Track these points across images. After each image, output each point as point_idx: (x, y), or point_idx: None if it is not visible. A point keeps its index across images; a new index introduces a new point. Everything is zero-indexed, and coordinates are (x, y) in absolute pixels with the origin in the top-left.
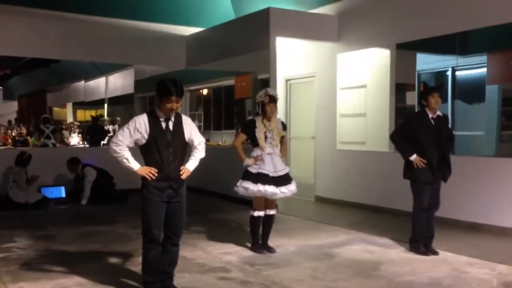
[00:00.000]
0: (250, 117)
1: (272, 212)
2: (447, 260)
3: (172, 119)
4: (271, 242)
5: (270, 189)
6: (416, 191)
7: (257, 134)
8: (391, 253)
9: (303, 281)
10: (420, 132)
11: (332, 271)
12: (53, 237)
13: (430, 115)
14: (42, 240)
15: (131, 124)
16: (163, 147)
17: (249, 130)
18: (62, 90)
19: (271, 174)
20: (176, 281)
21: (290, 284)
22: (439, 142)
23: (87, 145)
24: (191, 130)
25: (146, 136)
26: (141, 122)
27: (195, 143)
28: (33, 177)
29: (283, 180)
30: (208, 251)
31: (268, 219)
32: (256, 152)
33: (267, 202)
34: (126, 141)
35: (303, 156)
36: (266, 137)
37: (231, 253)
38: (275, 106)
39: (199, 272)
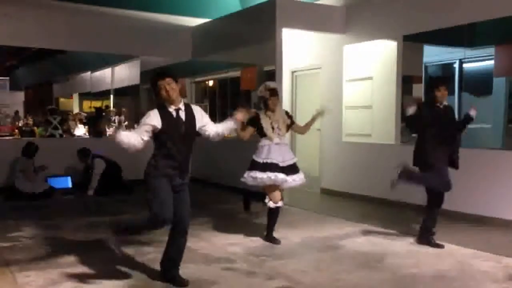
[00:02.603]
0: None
1: (278, 204)
2: (452, 252)
3: (182, 107)
4: (275, 234)
5: (280, 175)
6: (429, 176)
7: (264, 125)
8: (395, 246)
9: (307, 272)
10: (428, 121)
11: (336, 263)
12: (59, 227)
13: (437, 105)
14: (48, 230)
15: (144, 119)
16: (174, 137)
17: (255, 123)
18: (68, 80)
19: (280, 164)
20: (181, 271)
21: (294, 275)
22: (447, 132)
23: (92, 136)
24: (202, 116)
25: (159, 126)
26: (152, 115)
27: (210, 125)
28: (41, 167)
29: (291, 169)
30: (213, 242)
31: (274, 211)
32: (264, 142)
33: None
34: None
35: (309, 148)
36: (273, 128)
37: (236, 244)
38: (277, 99)
39: (204, 262)
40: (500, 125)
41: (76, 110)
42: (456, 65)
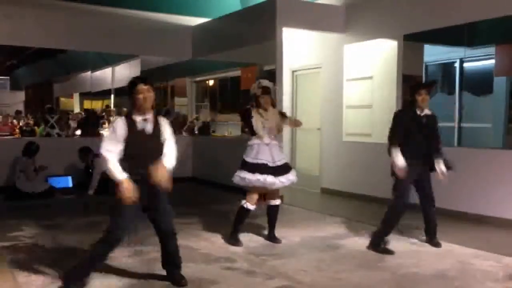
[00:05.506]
0: (247, 107)
1: (276, 202)
2: (453, 252)
3: (150, 118)
4: (276, 233)
5: (269, 178)
6: (398, 188)
7: (255, 124)
8: (396, 245)
9: (307, 272)
10: (409, 128)
11: (336, 263)
12: (59, 227)
13: (418, 112)
14: (49, 230)
15: (111, 129)
16: (139, 149)
17: (246, 119)
18: (68, 80)
19: (270, 164)
20: (181, 271)
21: (294, 275)
22: (427, 140)
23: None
24: (165, 131)
25: (124, 138)
26: (120, 123)
27: (167, 144)
28: (41, 167)
29: (282, 170)
30: (213, 241)
31: (273, 210)
32: (254, 141)
33: (270, 192)
34: (115, 147)
35: (309, 148)
36: (264, 127)
37: None
38: (270, 98)
39: (204, 262)
40: (501, 124)
41: (76, 110)
42: (457, 65)
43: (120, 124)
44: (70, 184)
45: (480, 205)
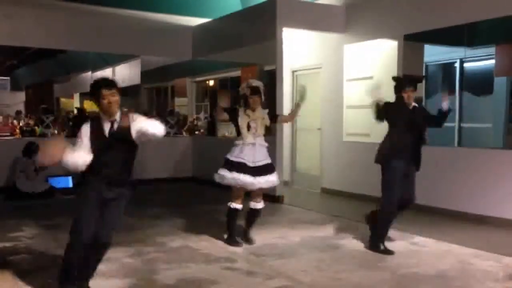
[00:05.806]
0: (234, 106)
1: (257, 206)
2: (453, 252)
3: (118, 119)
4: (276, 233)
5: (246, 178)
6: (388, 179)
7: (240, 124)
8: (396, 245)
9: (307, 272)
10: (397, 120)
11: (336, 263)
12: (59, 227)
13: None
14: (49, 230)
15: (78, 135)
16: (103, 149)
17: (233, 117)
18: (69, 80)
19: (249, 164)
20: (181, 271)
21: (294, 275)
22: (414, 133)
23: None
24: (139, 122)
25: (90, 142)
26: (85, 128)
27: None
28: (41, 167)
29: (262, 170)
30: (213, 241)
31: (254, 213)
32: (238, 141)
33: (253, 194)
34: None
35: (309, 148)
36: (249, 127)
37: None
38: (259, 98)
39: (204, 262)
40: (501, 124)
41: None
42: (457, 65)
43: (85, 126)
44: (70, 184)
45: (480, 205)
